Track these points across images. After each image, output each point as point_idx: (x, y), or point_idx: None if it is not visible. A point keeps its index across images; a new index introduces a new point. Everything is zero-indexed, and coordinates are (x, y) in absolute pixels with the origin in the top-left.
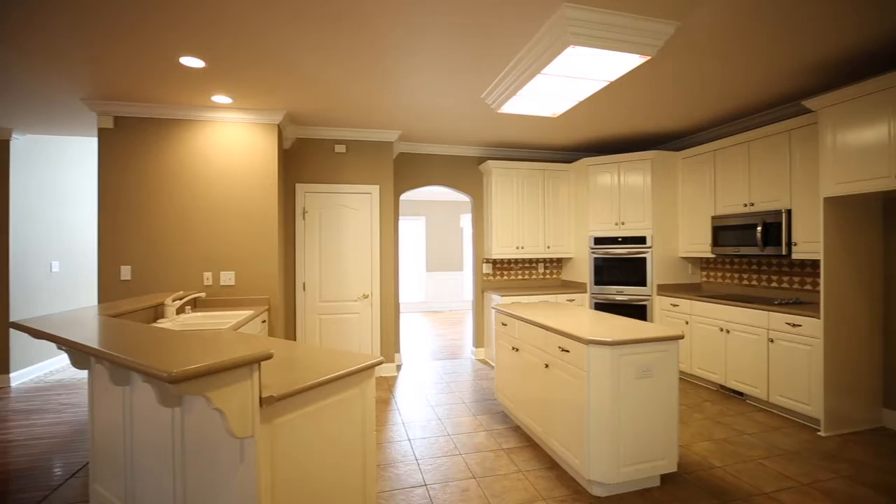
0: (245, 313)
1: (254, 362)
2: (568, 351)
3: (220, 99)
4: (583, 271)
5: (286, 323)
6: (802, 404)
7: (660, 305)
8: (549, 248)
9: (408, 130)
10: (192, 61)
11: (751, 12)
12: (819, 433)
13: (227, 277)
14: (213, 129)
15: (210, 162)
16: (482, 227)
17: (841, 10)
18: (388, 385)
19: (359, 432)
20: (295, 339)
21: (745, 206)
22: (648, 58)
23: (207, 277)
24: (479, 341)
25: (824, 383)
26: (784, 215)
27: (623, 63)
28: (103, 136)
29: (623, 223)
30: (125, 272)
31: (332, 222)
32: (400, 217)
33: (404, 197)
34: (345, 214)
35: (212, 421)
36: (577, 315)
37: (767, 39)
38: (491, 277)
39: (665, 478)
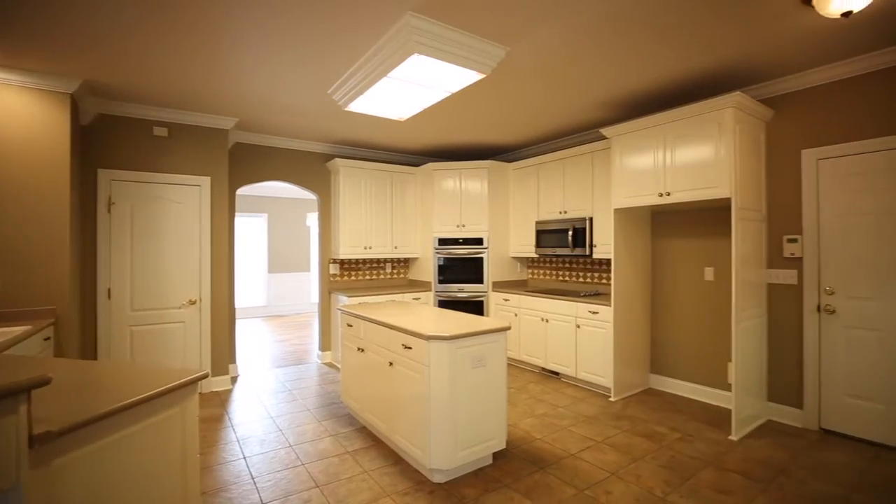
0: (16, 330)
1: (18, 392)
2: (411, 348)
3: None
4: (428, 271)
5: (83, 339)
6: (599, 377)
7: (494, 301)
8: (396, 248)
9: (247, 119)
10: None
11: (565, 50)
12: (610, 399)
13: None
14: None
15: None
16: (329, 226)
17: (633, 60)
18: (220, 400)
19: (178, 459)
20: (95, 358)
21: (561, 213)
22: (483, 76)
23: None
24: (325, 344)
25: (614, 358)
26: (588, 222)
27: (463, 77)
28: None
29: (464, 226)
30: None
31: (149, 217)
32: (237, 213)
33: (242, 191)
34: (166, 208)
35: None
36: (421, 313)
37: (578, 76)
38: (338, 278)
39: (496, 455)
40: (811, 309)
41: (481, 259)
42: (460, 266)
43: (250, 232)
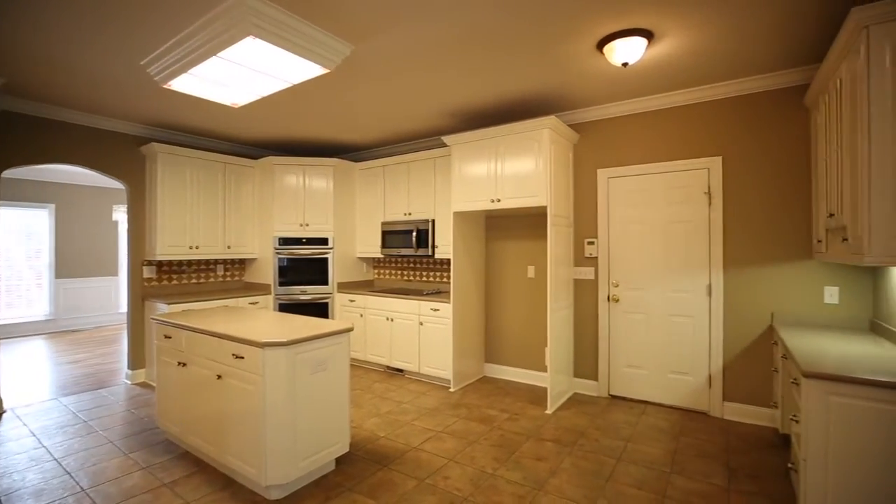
0: None
1: None
2: (243, 357)
3: None
4: (267, 272)
5: None
6: (440, 370)
7: (340, 302)
8: (229, 248)
9: (21, 81)
10: None
11: (411, 58)
12: (450, 390)
13: None
14: None
15: None
16: (143, 222)
17: (474, 77)
18: None
19: None
20: None
21: (406, 214)
22: (327, 70)
23: None
24: (137, 362)
25: (453, 352)
26: (430, 224)
27: (305, 69)
28: None
29: (307, 224)
30: None
31: None
32: (6, 203)
33: (15, 174)
34: None
35: None
36: (257, 318)
37: (423, 83)
38: (155, 282)
39: (340, 459)
40: (603, 299)
41: (326, 259)
42: (304, 267)
43: (28, 227)
